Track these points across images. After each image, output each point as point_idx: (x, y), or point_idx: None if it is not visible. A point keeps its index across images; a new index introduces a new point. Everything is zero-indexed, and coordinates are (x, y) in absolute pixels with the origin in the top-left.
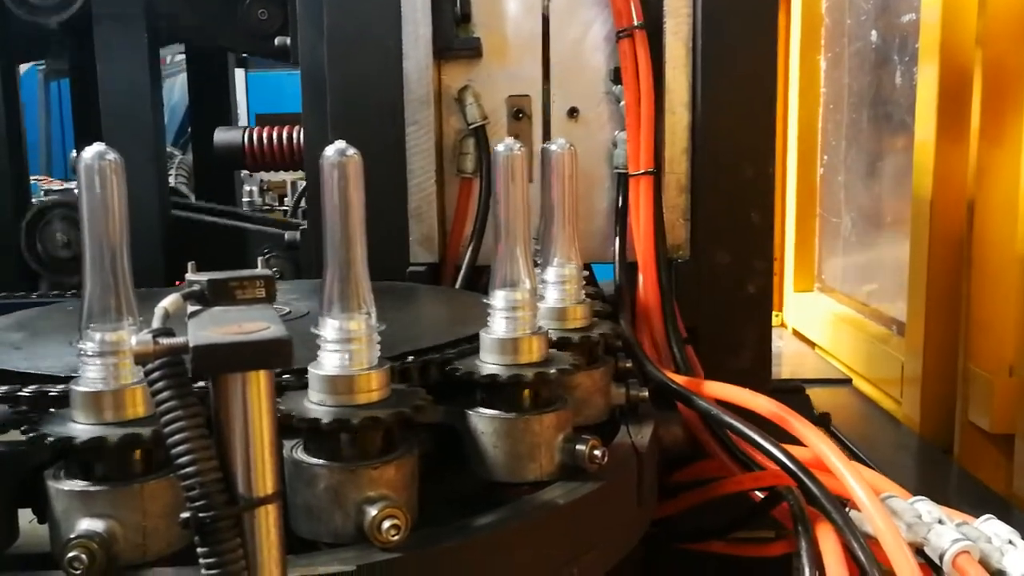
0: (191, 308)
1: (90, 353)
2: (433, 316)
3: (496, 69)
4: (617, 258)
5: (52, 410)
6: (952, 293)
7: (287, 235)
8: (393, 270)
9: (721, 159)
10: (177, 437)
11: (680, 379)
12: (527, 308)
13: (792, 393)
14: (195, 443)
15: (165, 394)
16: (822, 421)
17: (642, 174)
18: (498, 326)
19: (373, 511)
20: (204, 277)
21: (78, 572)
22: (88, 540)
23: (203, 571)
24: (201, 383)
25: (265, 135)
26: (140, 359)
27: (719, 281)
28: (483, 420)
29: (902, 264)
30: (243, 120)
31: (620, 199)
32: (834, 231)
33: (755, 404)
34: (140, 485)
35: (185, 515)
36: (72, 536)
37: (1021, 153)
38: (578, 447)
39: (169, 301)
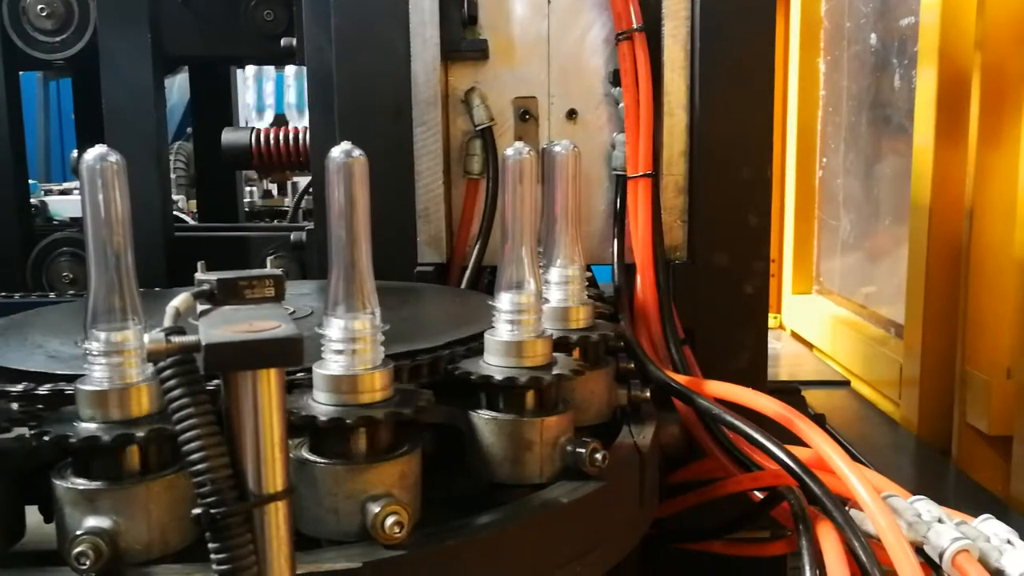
0: (201, 307)
1: (95, 352)
2: (438, 316)
3: (503, 71)
4: (615, 259)
5: (63, 409)
6: (950, 296)
7: (292, 235)
8: (401, 270)
9: (719, 161)
10: (189, 434)
11: (682, 379)
12: (532, 311)
13: (788, 394)
14: (206, 440)
15: (177, 392)
16: (817, 422)
17: (640, 176)
18: (503, 328)
19: (376, 509)
20: (213, 276)
21: (85, 567)
22: (94, 536)
23: (214, 566)
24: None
25: (272, 136)
26: (153, 357)
27: (716, 282)
28: (485, 421)
29: (900, 267)
30: (237, 121)
31: (618, 201)
32: (832, 233)
33: (758, 404)
34: (144, 484)
35: (196, 511)
36: (79, 532)
37: (1019, 157)
38: (579, 450)
39: (180, 300)
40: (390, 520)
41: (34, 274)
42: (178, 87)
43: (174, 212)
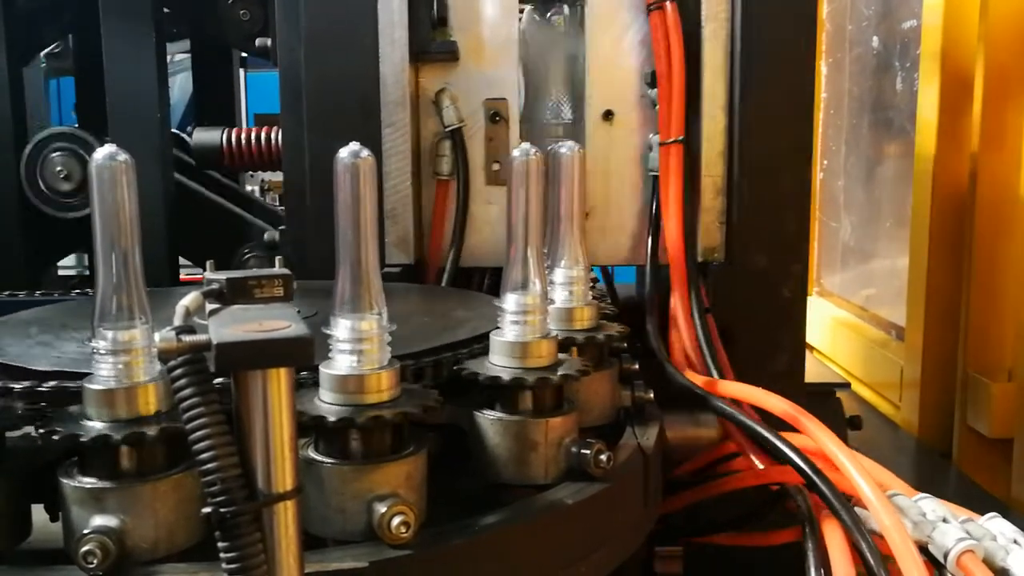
0: (210, 306)
1: (103, 351)
2: (441, 317)
3: (473, 72)
4: (648, 260)
5: (69, 408)
6: (951, 298)
7: (266, 235)
8: None
9: (758, 163)
10: (199, 433)
11: (699, 379)
12: (537, 312)
13: (824, 396)
14: (216, 439)
15: (187, 391)
16: (853, 424)
17: (672, 143)
18: (508, 329)
19: (382, 508)
20: (223, 276)
21: (92, 566)
22: (102, 535)
23: (224, 565)
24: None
25: (244, 135)
26: (164, 356)
27: (755, 284)
28: (490, 422)
29: (901, 269)
30: (243, 121)
31: (653, 202)
32: (833, 235)
33: (768, 403)
34: (151, 483)
35: (207, 510)
36: (86, 531)
37: (1021, 159)
38: (584, 451)
39: (189, 299)
40: (396, 520)
41: (29, 177)
42: (179, 86)
43: None
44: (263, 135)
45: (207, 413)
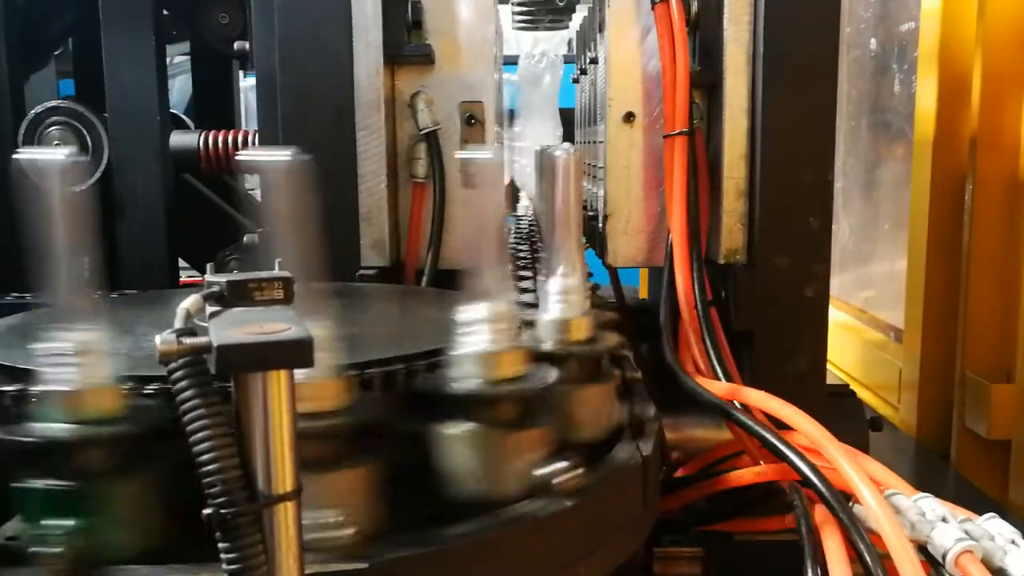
0: (211, 309)
1: (65, 353)
2: (420, 321)
3: (449, 75)
4: (666, 262)
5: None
6: (950, 300)
7: (246, 237)
8: (344, 274)
9: (780, 164)
10: (199, 435)
11: (710, 384)
12: (507, 321)
13: (843, 396)
14: (217, 441)
15: (188, 393)
16: (874, 426)
17: (676, 135)
18: (477, 338)
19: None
20: (223, 278)
21: (48, 568)
22: (58, 537)
23: (224, 566)
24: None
25: (221, 138)
26: (164, 358)
27: (777, 285)
28: (449, 435)
29: (900, 271)
30: (243, 123)
31: None
32: (832, 237)
33: (769, 407)
34: (108, 485)
35: (207, 511)
36: (49, 532)
37: (1019, 161)
38: (553, 467)
39: (190, 302)
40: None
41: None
42: (179, 88)
43: None
44: (240, 138)
45: (208, 415)
